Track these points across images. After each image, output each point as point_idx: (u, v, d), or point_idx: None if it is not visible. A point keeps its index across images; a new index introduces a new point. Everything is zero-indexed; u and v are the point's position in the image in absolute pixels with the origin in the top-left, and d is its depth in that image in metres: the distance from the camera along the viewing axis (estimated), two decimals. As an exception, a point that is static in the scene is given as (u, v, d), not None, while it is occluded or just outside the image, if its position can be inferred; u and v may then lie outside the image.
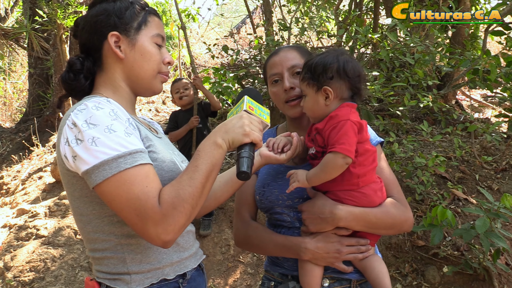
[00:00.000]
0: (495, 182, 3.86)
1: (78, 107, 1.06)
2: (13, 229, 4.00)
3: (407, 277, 3.29)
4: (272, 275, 1.49)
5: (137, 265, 1.11)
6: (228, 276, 3.45)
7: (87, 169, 1.00)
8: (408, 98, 2.82)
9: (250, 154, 1.11)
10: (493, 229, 2.86)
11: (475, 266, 3.05)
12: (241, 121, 1.13)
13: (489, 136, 3.58)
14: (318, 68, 1.32)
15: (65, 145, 1.04)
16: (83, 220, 1.13)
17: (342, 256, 1.32)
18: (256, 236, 1.45)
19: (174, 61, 3.70)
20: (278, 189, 1.44)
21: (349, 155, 1.23)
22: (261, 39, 4.49)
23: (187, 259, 1.20)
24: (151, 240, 1.00)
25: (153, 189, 1.00)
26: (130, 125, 1.08)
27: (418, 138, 3.88)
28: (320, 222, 1.29)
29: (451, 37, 6.33)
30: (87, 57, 1.24)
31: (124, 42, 1.21)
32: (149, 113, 7.64)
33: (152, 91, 1.28)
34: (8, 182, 5.40)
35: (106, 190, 1.00)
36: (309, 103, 1.36)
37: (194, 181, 1.03)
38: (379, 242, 3.50)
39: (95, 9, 1.24)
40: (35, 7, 6.89)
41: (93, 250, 1.14)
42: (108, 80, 1.23)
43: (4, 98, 10.18)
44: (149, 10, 1.27)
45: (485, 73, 4.08)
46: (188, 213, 1.01)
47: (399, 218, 1.36)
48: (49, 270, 3.39)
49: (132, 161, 1.01)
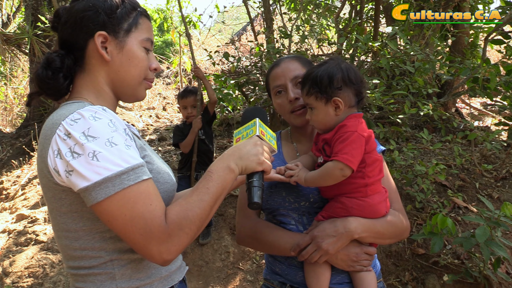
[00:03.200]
0: (495, 191, 3.86)
1: (71, 116, 0.98)
2: (12, 234, 3.99)
3: (407, 286, 3.28)
4: (271, 283, 1.50)
5: (126, 281, 1.06)
6: (227, 283, 3.43)
7: (86, 186, 0.93)
8: (408, 106, 2.83)
9: (261, 183, 1.13)
10: (494, 238, 2.86)
11: (476, 274, 3.04)
12: (255, 148, 1.13)
13: (489, 145, 3.58)
14: (324, 80, 1.33)
15: (55, 158, 0.96)
16: (69, 236, 1.04)
17: (359, 261, 1.34)
18: (269, 232, 1.44)
19: (160, 68, 3.67)
20: (285, 191, 1.45)
21: (350, 165, 1.24)
22: (262, 46, 4.51)
23: (174, 272, 1.17)
24: (151, 258, 0.97)
25: (157, 207, 0.96)
26: (127, 136, 1.02)
27: (418, 146, 3.89)
28: (337, 240, 1.30)
29: (451, 45, 6.38)
30: (67, 54, 1.13)
31: (112, 44, 1.12)
32: (149, 119, 7.65)
33: (135, 98, 1.21)
34: (8, 187, 5.40)
35: (107, 209, 0.94)
36: (318, 116, 1.37)
37: (203, 203, 1.01)
38: (379, 251, 3.49)
39: (83, 3, 1.13)
40: (37, 14, 6.94)
41: (76, 267, 1.07)
42: (90, 83, 1.14)
43: (5, 103, 10.20)
44: (140, 11, 1.19)
45: (485, 82, 4.09)
46: (193, 234, 0.99)
47: (401, 227, 1.41)
48: (48, 276, 3.37)
49: (135, 177, 0.96)
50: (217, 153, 5.35)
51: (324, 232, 1.31)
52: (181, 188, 2.48)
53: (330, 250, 1.29)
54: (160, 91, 9.61)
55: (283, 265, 1.45)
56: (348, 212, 1.32)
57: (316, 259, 1.30)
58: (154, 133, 6.68)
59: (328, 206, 1.37)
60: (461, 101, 7.26)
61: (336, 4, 8.03)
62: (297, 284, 1.41)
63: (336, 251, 1.31)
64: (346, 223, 1.30)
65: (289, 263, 1.44)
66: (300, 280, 1.40)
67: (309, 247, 1.31)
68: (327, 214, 1.35)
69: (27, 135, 7.03)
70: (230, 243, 3.72)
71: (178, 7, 4.34)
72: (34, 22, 6.87)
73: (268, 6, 5.18)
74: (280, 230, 1.43)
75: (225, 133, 6.11)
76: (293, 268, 1.42)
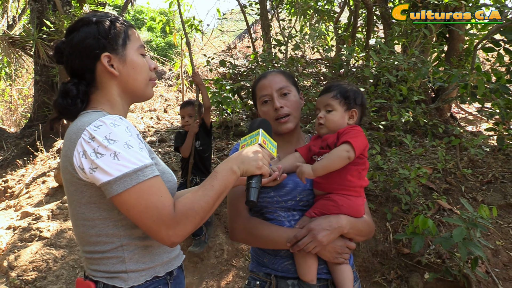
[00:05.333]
0: (479, 194, 4.02)
1: (94, 123, 1.16)
2: (17, 230, 4.17)
3: (391, 283, 3.44)
4: (257, 275, 1.67)
5: (134, 264, 1.24)
6: (221, 279, 3.61)
7: (109, 180, 1.11)
8: (390, 114, 3.00)
9: (259, 185, 1.34)
10: (472, 238, 3.02)
11: (455, 273, 3.20)
12: (256, 155, 1.33)
13: (473, 150, 3.75)
14: (351, 94, 1.64)
15: (81, 157, 1.14)
16: (86, 224, 1.23)
17: (342, 253, 1.55)
18: (263, 227, 1.60)
19: (158, 66, 3.82)
20: (273, 191, 1.62)
21: (356, 150, 1.48)
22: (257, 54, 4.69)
23: (173, 259, 1.36)
24: (161, 240, 1.16)
25: (167, 198, 1.16)
26: (139, 140, 1.21)
27: (405, 151, 4.05)
28: (330, 234, 1.50)
29: (446, 51, 6.52)
30: (80, 81, 1.29)
31: (116, 60, 1.30)
32: (150, 121, 7.82)
33: (146, 97, 1.41)
34: (12, 185, 5.58)
35: (126, 200, 1.13)
36: (335, 117, 1.62)
37: (208, 198, 1.20)
38: (366, 249, 3.66)
39: (79, 34, 1.29)
40: (42, 17, 7.12)
41: (92, 251, 1.25)
42: (104, 97, 1.32)
43: (10, 104, 10.39)
44: (126, 25, 1.36)
45: (474, 89, 4.25)
46: (197, 223, 1.19)
47: (372, 227, 1.67)
48: (51, 270, 3.55)
49: (148, 174, 1.15)
50: (215, 155, 5.53)
51: (320, 226, 1.50)
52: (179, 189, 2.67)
53: (324, 241, 1.49)
54: (162, 93, 9.77)
55: (270, 255, 1.63)
56: (339, 209, 1.53)
57: (311, 249, 1.49)
58: (155, 135, 6.84)
59: (320, 204, 1.56)
60: (456, 106, 7.42)
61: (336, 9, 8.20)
62: (281, 272, 1.60)
63: (328, 243, 1.51)
64: (338, 219, 1.52)
65: (275, 254, 1.62)
66: (285, 268, 1.59)
67: (306, 238, 1.49)
68: (319, 211, 1.55)
69: (31, 135, 7.20)
70: (224, 241, 3.89)
71: (179, 14, 4.51)
72: (39, 25, 7.05)
73: (266, 13, 5.35)
74: (273, 226, 1.61)
75: (223, 135, 6.27)
76: (279, 258, 1.61)
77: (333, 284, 1.58)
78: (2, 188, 5.60)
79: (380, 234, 3.73)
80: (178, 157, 5.41)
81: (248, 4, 6.65)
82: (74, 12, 5.45)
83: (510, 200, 3.91)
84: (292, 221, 1.60)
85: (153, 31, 18.82)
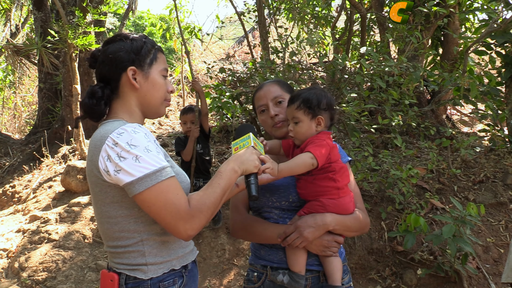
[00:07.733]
0: (471, 193, 4.17)
1: (116, 131, 1.30)
2: (26, 233, 4.33)
3: (386, 280, 3.59)
4: (255, 267, 1.84)
5: (153, 258, 1.36)
6: (223, 278, 3.77)
7: (131, 180, 1.24)
8: (381, 118, 3.16)
9: (256, 181, 1.50)
10: (462, 235, 3.17)
11: (447, 269, 3.36)
12: (252, 156, 1.49)
13: (463, 151, 3.91)
14: (314, 100, 1.69)
15: (106, 161, 1.28)
16: (110, 222, 1.36)
17: (329, 247, 1.69)
18: (258, 225, 1.77)
19: (175, 89, 3.95)
20: (269, 193, 1.79)
21: (317, 159, 1.58)
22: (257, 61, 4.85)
23: (188, 254, 1.51)
24: (179, 234, 1.29)
25: (183, 196, 1.30)
26: (157, 145, 1.35)
27: (399, 153, 4.21)
28: (315, 230, 1.64)
29: (441, 54, 6.67)
30: (105, 86, 1.45)
31: (140, 75, 1.44)
32: (152, 126, 7.98)
33: (158, 115, 1.56)
34: (20, 190, 5.74)
35: (147, 198, 1.26)
36: (302, 128, 1.71)
37: (216, 194, 1.35)
38: (362, 247, 3.81)
39: (114, 46, 1.45)
40: (46, 26, 7.29)
41: (115, 246, 1.38)
42: (124, 106, 1.46)
43: (14, 111, 10.56)
44: (157, 48, 1.52)
45: (467, 91, 4.41)
46: (209, 216, 1.32)
47: (364, 223, 1.79)
48: (60, 271, 3.72)
49: (166, 174, 1.28)
50: (215, 158, 5.69)
51: (306, 223, 1.65)
52: None
53: (309, 237, 1.64)
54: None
55: (266, 248, 1.80)
56: (325, 209, 1.67)
57: (297, 244, 1.65)
58: (157, 140, 6.99)
59: (309, 205, 1.71)
60: (453, 108, 7.57)
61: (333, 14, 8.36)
62: (276, 263, 1.76)
63: (314, 239, 1.65)
64: (323, 217, 1.65)
65: (271, 246, 1.79)
66: (279, 259, 1.76)
67: (293, 235, 1.65)
68: (308, 210, 1.70)
69: (36, 142, 7.33)
70: (226, 241, 4.05)
71: (177, 23, 4.68)
72: (43, 34, 7.22)
73: (264, 21, 5.52)
74: (266, 223, 1.78)
75: (224, 140, 6.43)
76: (275, 250, 1.77)
77: (325, 276, 1.73)
78: (10, 193, 5.76)
79: (375, 232, 3.88)
80: (178, 161, 5.57)
81: (246, 12, 6.82)
82: (77, 21, 5.60)
83: (501, 199, 4.06)
84: (286, 219, 1.76)
85: (153, 37, 19.01)
